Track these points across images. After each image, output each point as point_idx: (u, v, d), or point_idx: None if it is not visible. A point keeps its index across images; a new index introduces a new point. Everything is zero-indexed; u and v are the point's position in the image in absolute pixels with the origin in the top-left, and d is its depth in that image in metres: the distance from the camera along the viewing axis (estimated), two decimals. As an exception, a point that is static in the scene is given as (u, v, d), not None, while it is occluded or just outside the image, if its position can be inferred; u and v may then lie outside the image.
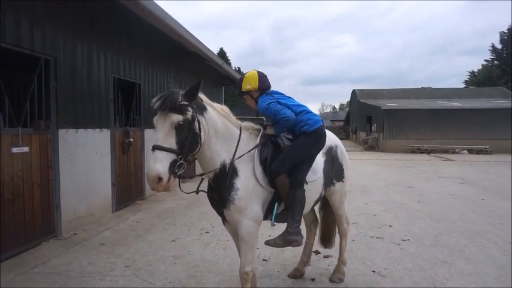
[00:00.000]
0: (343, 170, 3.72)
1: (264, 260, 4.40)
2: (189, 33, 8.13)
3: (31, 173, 4.78)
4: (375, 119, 26.88)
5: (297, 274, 3.88)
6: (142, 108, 7.91)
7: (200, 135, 2.61)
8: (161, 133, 2.46)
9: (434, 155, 20.63)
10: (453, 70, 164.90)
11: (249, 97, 3.30)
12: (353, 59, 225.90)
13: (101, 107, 6.39)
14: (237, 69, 51.70)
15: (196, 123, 2.57)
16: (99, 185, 6.29)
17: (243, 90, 3.27)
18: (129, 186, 7.34)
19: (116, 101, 6.90)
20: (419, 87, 37.20)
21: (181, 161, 2.46)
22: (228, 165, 2.84)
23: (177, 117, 2.46)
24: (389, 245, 4.97)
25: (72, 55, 5.60)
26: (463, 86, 45.69)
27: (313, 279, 3.86)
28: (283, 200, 3.04)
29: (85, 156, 5.87)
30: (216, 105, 2.90)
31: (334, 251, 4.61)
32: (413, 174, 12.39)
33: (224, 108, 2.98)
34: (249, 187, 2.89)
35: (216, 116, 2.82)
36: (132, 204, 7.35)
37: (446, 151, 21.86)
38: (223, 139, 2.84)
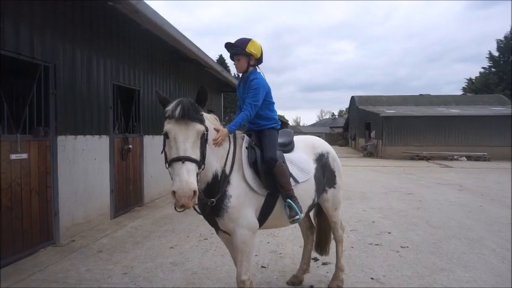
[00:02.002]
0: (335, 176, 3.71)
1: (262, 267, 4.39)
2: (188, 40, 8.19)
3: (29, 179, 4.77)
4: (373, 125, 26.94)
5: (295, 281, 3.87)
6: (141, 115, 7.93)
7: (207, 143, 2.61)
8: (188, 143, 2.37)
9: (433, 162, 20.65)
10: (450, 77, 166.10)
11: (245, 60, 3.22)
12: (351, 65, 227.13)
13: (100, 113, 6.41)
14: (236, 76, 51.91)
15: (206, 134, 2.56)
16: (98, 192, 6.28)
17: (246, 50, 3.17)
18: (127, 193, 7.33)
19: (115, 107, 6.91)
20: (418, 94, 37.33)
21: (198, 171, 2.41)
22: (220, 174, 2.81)
23: (201, 128, 2.45)
24: (388, 252, 4.96)
25: (72, 62, 5.63)
26: (460, 93, 45.88)
27: (311, 287, 3.85)
28: (284, 189, 3.02)
29: (84, 162, 5.87)
30: (205, 114, 2.78)
31: (332, 258, 4.60)
32: (412, 181, 12.40)
33: (214, 116, 2.95)
34: (242, 194, 2.87)
35: (210, 125, 2.72)
36: (130, 211, 7.34)
37: (445, 158, 21.89)
38: (214, 148, 2.78)
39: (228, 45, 3.27)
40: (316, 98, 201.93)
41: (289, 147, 3.45)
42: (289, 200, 3.01)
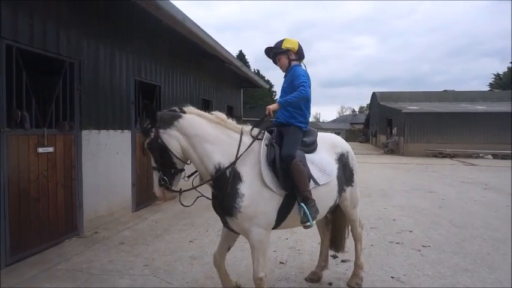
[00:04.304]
0: (353, 174, 3.69)
1: (281, 263, 4.39)
2: (208, 35, 8.22)
3: (55, 172, 4.93)
4: (395, 122, 26.42)
5: (314, 278, 3.86)
6: (162, 110, 8.03)
7: (168, 147, 2.76)
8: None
9: (457, 160, 20.10)
10: (476, 72, 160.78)
11: (284, 57, 3.38)
12: (372, 61, 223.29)
13: (122, 108, 6.54)
14: (256, 71, 51.86)
15: (160, 140, 2.76)
16: (120, 185, 6.43)
17: (282, 47, 3.35)
18: (148, 187, 7.46)
19: (136, 102, 7.04)
20: (441, 89, 36.34)
21: (163, 176, 2.79)
22: (228, 170, 2.82)
23: (145, 140, 2.83)
24: (409, 250, 4.87)
25: (95, 58, 5.76)
26: (487, 88, 44.38)
27: (330, 284, 3.83)
28: (300, 190, 2.91)
29: (106, 156, 6.01)
30: (206, 114, 2.96)
31: (351, 255, 4.56)
32: (435, 179, 12.11)
33: (218, 114, 3.00)
34: (256, 192, 2.84)
35: (202, 123, 2.87)
36: (151, 205, 7.48)
37: (469, 156, 21.25)
38: (215, 142, 2.85)
39: (267, 50, 3.48)
40: (336, 93, 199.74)
41: (312, 147, 3.35)
42: (303, 204, 2.90)
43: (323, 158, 3.34)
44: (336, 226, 4.01)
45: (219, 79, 12.20)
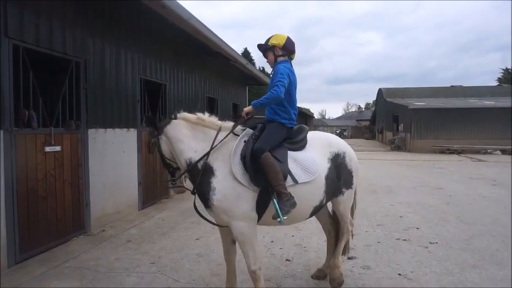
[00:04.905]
0: (352, 177, 3.54)
1: (287, 260, 4.39)
2: (213, 33, 8.21)
3: (63, 171, 4.97)
4: (402, 118, 26.24)
5: (320, 275, 3.84)
6: (168, 109, 8.06)
7: (161, 151, 3.24)
8: None
9: (464, 156, 19.90)
10: (484, 67, 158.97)
11: (271, 53, 3.44)
12: (379, 57, 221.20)
13: (128, 107, 6.57)
14: (261, 69, 51.78)
15: (157, 145, 3.26)
16: (126, 184, 6.46)
17: (268, 44, 3.42)
18: (154, 185, 7.50)
19: (142, 101, 7.07)
20: (449, 85, 35.98)
21: (168, 173, 3.33)
22: (199, 163, 3.03)
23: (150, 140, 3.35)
24: (416, 247, 4.84)
25: (101, 57, 5.79)
26: (495, 83, 43.84)
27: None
28: (273, 187, 2.91)
29: (113, 155, 6.05)
30: (190, 116, 3.22)
31: (358, 252, 4.56)
32: (442, 175, 12.01)
33: (199, 115, 3.24)
34: (228, 187, 2.94)
35: (180, 127, 3.18)
36: (157, 203, 7.51)
37: (477, 151, 21.03)
38: (189, 141, 3.13)
39: (258, 46, 3.58)
40: (342, 90, 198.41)
41: (299, 144, 3.33)
42: (275, 200, 2.91)
43: (308, 157, 3.25)
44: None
45: (225, 77, 12.20)
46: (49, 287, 3.70)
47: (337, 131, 51.96)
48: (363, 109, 74.01)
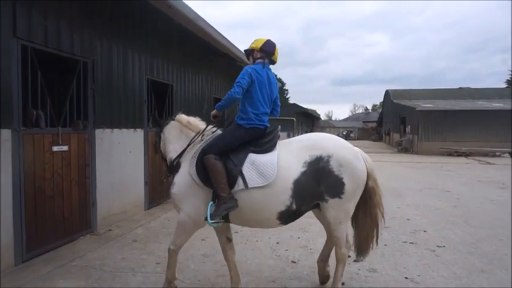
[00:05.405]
0: (343, 184, 3.12)
1: (293, 261, 4.37)
2: (220, 34, 8.22)
3: (70, 170, 5.00)
4: (409, 120, 26.05)
5: (325, 281, 3.73)
6: (174, 109, 8.08)
7: (160, 148, 3.73)
8: None
9: (472, 158, 19.71)
10: (492, 69, 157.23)
11: (251, 57, 3.59)
12: (386, 58, 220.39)
13: (135, 107, 6.60)
14: (267, 69, 51.59)
15: (158, 142, 3.75)
16: (133, 184, 6.49)
17: (248, 48, 3.58)
18: (161, 185, 7.51)
19: (149, 101, 7.09)
20: (457, 87, 35.64)
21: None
22: (173, 162, 3.44)
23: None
24: (423, 251, 4.79)
25: (108, 57, 5.82)
26: (504, 85, 43.33)
27: (343, 284, 3.78)
28: (215, 186, 3.07)
29: (119, 155, 6.07)
30: (183, 119, 3.62)
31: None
32: (450, 178, 11.90)
33: (190, 119, 3.63)
34: (183, 184, 3.26)
35: (173, 128, 3.61)
36: (163, 203, 7.53)
37: (486, 154, 20.79)
38: (175, 142, 3.54)
39: (244, 51, 3.76)
40: (348, 91, 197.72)
41: (263, 147, 3.25)
42: (211, 202, 3.09)
43: (269, 160, 3.13)
44: (360, 229, 3.58)
45: (231, 77, 12.19)
46: (55, 286, 3.72)
47: (344, 133, 51.76)
48: (370, 110, 73.69)
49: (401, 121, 28.82)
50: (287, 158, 3.18)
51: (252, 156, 3.18)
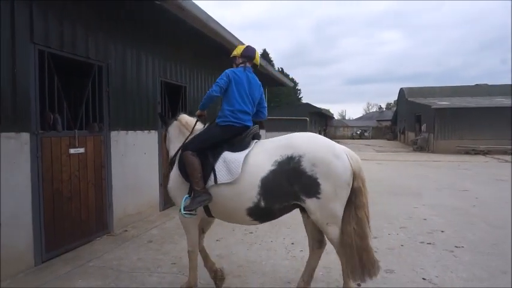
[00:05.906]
0: (318, 184, 3.01)
1: (307, 262, 4.33)
2: (232, 35, 8.22)
3: (86, 172, 5.09)
4: (424, 118, 25.63)
5: None
6: (187, 111, 8.13)
7: (165, 145, 3.97)
8: None
9: (491, 157, 19.25)
10: (509, 65, 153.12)
11: (234, 64, 3.80)
12: (400, 56, 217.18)
13: (149, 109, 6.67)
14: (280, 70, 51.74)
15: (165, 137, 4.00)
16: (148, 185, 6.56)
17: (231, 56, 3.83)
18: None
19: (162, 103, 7.16)
20: (473, 84, 34.89)
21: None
22: (173, 159, 3.62)
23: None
24: (441, 251, 4.70)
25: (123, 61, 5.90)
26: (523, 81, 42.19)
27: (359, 284, 3.74)
28: (191, 181, 3.27)
29: (134, 156, 6.15)
30: (183, 119, 3.84)
31: (381, 256, 4.46)
32: (468, 177, 11.65)
33: (188, 120, 3.82)
34: (175, 179, 3.50)
35: (175, 127, 3.84)
36: (178, 204, 7.57)
37: (505, 152, 20.30)
38: (176, 140, 3.74)
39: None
40: (362, 90, 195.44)
41: (238, 145, 3.37)
42: (187, 195, 3.30)
43: (238, 158, 3.21)
44: (344, 231, 3.19)
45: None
46: (74, 286, 3.78)
47: (358, 132, 51.26)
48: (384, 109, 72.85)
49: (416, 119, 28.37)
50: (259, 156, 3.24)
51: (225, 154, 3.32)
